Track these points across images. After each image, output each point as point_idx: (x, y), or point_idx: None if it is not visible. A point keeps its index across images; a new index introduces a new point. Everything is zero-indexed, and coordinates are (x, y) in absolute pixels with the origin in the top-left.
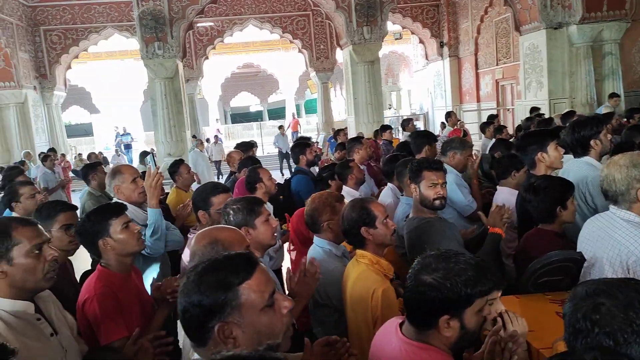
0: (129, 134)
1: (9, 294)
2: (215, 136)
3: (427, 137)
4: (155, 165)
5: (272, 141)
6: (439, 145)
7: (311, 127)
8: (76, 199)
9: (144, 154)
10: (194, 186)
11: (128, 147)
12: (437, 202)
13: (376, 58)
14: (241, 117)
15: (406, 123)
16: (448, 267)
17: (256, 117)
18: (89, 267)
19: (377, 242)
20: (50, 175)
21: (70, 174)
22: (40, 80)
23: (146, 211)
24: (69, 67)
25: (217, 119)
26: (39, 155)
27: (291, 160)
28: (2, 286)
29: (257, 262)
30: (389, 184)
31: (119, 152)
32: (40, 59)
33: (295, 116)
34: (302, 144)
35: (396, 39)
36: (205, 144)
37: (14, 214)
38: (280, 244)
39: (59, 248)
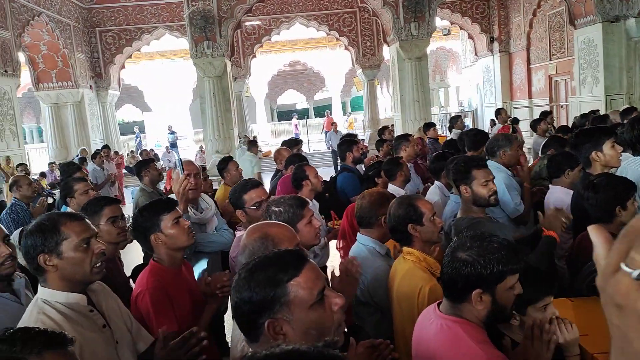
0: (174, 132)
1: (62, 287)
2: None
3: (486, 135)
4: (183, 171)
5: (326, 139)
6: None
7: (357, 125)
8: (129, 195)
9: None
10: None
11: (173, 145)
12: (492, 198)
13: (424, 54)
14: (287, 114)
15: (455, 120)
16: (482, 246)
17: (302, 114)
18: (141, 262)
19: (424, 239)
20: (99, 171)
21: (124, 171)
22: (96, 79)
23: (198, 210)
24: (123, 66)
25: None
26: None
27: None
28: (55, 279)
29: (307, 259)
30: (436, 182)
31: (169, 150)
32: (96, 59)
33: (329, 114)
34: (349, 141)
35: (444, 34)
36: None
37: (68, 209)
38: (326, 242)
39: (108, 241)
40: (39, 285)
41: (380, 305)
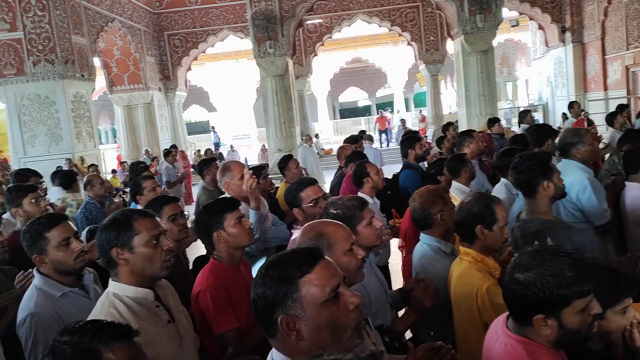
0: (216, 132)
1: (131, 281)
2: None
3: (549, 130)
4: (249, 169)
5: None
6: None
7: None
8: (196, 193)
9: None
10: None
11: (217, 146)
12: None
13: (490, 47)
14: (349, 112)
15: (524, 115)
16: (543, 265)
17: (364, 111)
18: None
19: (487, 244)
20: (171, 169)
21: (191, 169)
22: (165, 81)
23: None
24: (189, 68)
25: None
26: (163, 151)
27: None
28: (125, 273)
29: (321, 256)
30: (502, 179)
31: (234, 148)
32: (164, 62)
33: (383, 113)
34: (412, 137)
35: (512, 26)
36: (314, 139)
37: (138, 207)
38: (385, 243)
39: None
40: (110, 279)
41: (447, 306)
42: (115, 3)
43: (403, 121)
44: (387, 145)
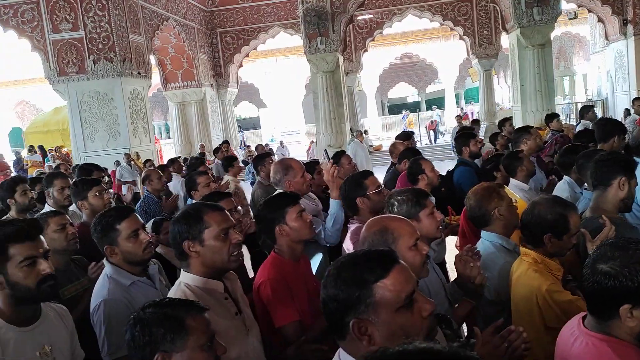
0: (242, 130)
1: (201, 272)
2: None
3: (618, 126)
4: (329, 160)
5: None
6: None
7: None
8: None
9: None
10: None
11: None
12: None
13: (547, 41)
14: (398, 108)
15: (586, 110)
16: (626, 255)
17: (413, 107)
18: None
19: (552, 251)
20: (220, 166)
21: (240, 164)
22: (217, 78)
23: (314, 202)
24: (241, 65)
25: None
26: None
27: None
28: (196, 265)
29: (397, 261)
30: (565, 177)
31: (283, 144)
32: (217, 59)
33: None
34: (466, 134)
35: (570, 18)
36: (364, 135)
37: (193, 202)
38: (443, 237)
39: None
40: (182, 270)
41: (508, 304)
42: (170, 2)
43: (459, 117)
44: (435, 142)
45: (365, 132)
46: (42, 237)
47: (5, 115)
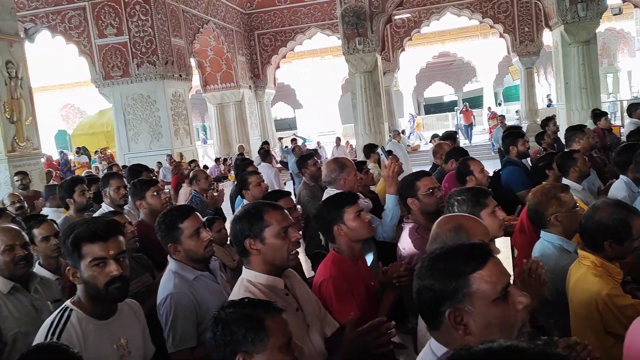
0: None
1: (263, 270)
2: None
3: None
4: (388, 157)
5: (492, 137)
6: None
7: (510, 116)
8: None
9: (370, 147)
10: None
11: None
12: None
13: (592, 37)
14: (435, 107)
15: (634, 108)
16: None
17: (450, 107)
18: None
19: (612, 256)
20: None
21: (278, 165)
22: (254, 79)
23: (365, 200)
24: (278, 66)
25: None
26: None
27: None
28: (257, 262)
29: (491, 254)
30: (621, 176)
31: (320, 145)
32: (254, 60)
33: (468, 107)
34: (514, 133)
35: (614, 14)
36: (402, 135)
37: (244, 201)
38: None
39: None
40: (243, 267)
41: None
42: (210, 5)
43: (502, 117)
44: (470, 142)
45: (403, 132)
46: (119, 238)
47: (51, 118)
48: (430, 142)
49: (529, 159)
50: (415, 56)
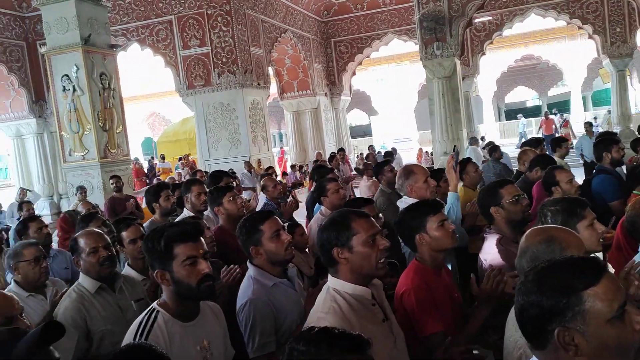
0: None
1: (350, 279)
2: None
3: None
4: (457, 152)
5: (575, 144)
6: None
7: (599, 122)
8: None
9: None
10: None
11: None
12: None
13: None
14: (516, 112)
15: None
16: None
17: (533, 112)
18: None
19: None
20: (337, 172)
21: (353, 172)
22: (330, 87)
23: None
24: (354, 73)
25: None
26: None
27: None
28: (345, 271)
29: (605, 269)
30: None
31: (396, 152)
32: (330, 68)
33: (549, 115)
34: (607, 139)
35: None
36: (480, 142)
37: (322, 208)
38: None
39: None
40: (329, 275)
41: None
42: (288, 15)
43: (588, 124)
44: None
45: (482, 138)
46: (202, 239)
47: (139, 127)
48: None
49: (624, 167)
50: (496, 60)
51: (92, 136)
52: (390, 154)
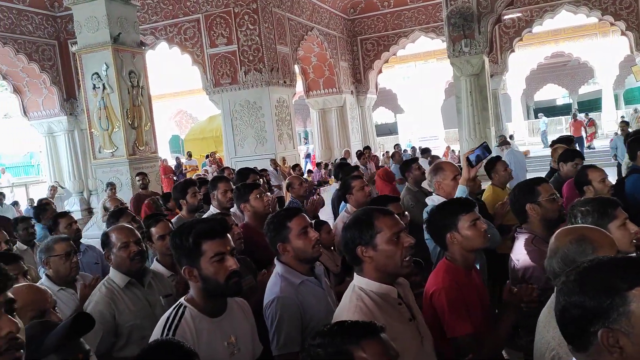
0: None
1: (375, 277)
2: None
3: None
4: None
5: (611, 144)
6: None
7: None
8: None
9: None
10: None
11: (308, 156)
12: None
13: None
14: (546, 111)
15: None
16: None
17: (563, 110)
18: None
19: None
20: (363, 170)
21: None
22: (356, 85)
23: None
24: (380, 71)
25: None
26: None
27: None
28: (370, 270)
29: None
30: None
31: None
32: (357, 66)
33: (578, 116)
34: None
35: None
36: (510, 140)
37: (348, 206)
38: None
39: None
40: (355, 274)
41: None
42: (314, 12)
43: (623, 123)
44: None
45: (511, 137)
46: (229, 235)
47: (167, 124)
48: (549, 146)
49: None
50: (525, 57)
51: (121, 133)
52: (427, 151)
